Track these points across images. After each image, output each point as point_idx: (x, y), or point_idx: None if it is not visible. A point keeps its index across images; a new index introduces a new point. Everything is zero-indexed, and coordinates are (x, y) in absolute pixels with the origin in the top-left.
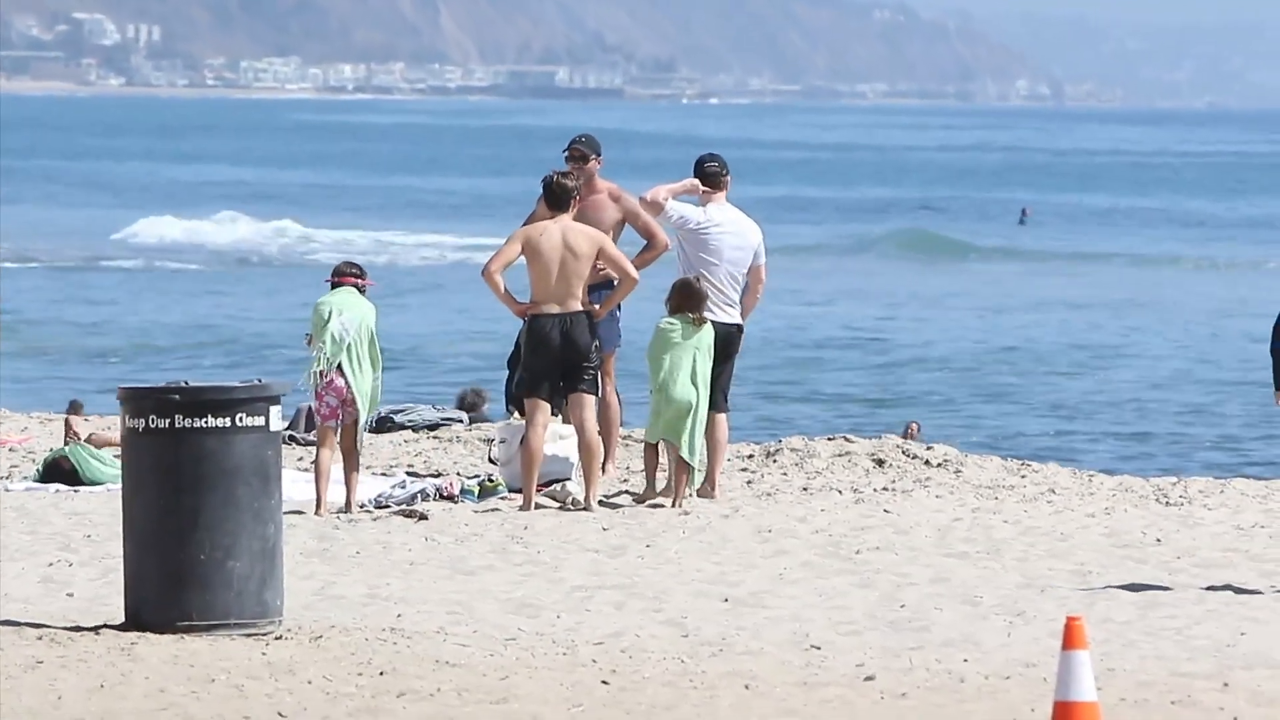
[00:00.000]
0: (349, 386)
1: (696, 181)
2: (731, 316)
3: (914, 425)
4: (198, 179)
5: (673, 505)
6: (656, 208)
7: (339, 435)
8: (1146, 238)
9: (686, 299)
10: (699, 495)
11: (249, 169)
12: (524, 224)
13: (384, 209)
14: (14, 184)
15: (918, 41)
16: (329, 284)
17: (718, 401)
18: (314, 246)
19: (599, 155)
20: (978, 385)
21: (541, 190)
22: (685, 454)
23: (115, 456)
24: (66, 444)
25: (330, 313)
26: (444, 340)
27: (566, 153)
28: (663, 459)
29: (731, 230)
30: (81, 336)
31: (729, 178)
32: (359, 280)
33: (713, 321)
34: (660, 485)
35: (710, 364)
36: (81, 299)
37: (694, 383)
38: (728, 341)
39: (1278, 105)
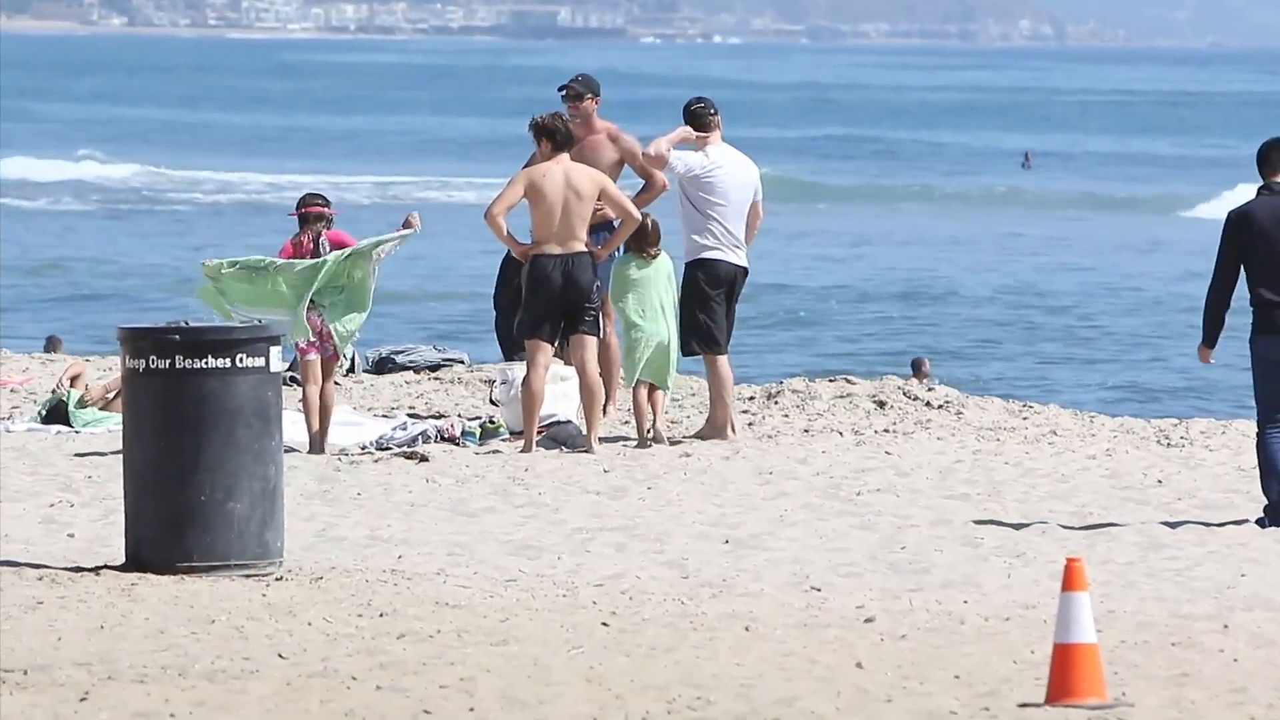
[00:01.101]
0: (324, 321)
1: (689, 129)
2: (740, 258)
3: (924, 362)
4: (112, 118)
5: (647, 432)
6: (660, 161)
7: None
8: (1147, 179)
9: (636, 236)
10: (709, 436)
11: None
12: (524, 166)
13: (309, 149)
14: None
15: None
16: (295, 217)
17: (722, 344)
18: (163, 189)
19: (596, 95)
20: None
21: (531, 133)
22: (666, 388)
23: (99, 408)
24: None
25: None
26: (429, 281)
27: (563, 92)
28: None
29: (734, 170)
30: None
31: (718, 117)
32: (325, 209)
33: (723, 262)
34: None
35: (672, 294)
36: None
37: (664, 317)
38: (734, 283)
39: (1277, 44)
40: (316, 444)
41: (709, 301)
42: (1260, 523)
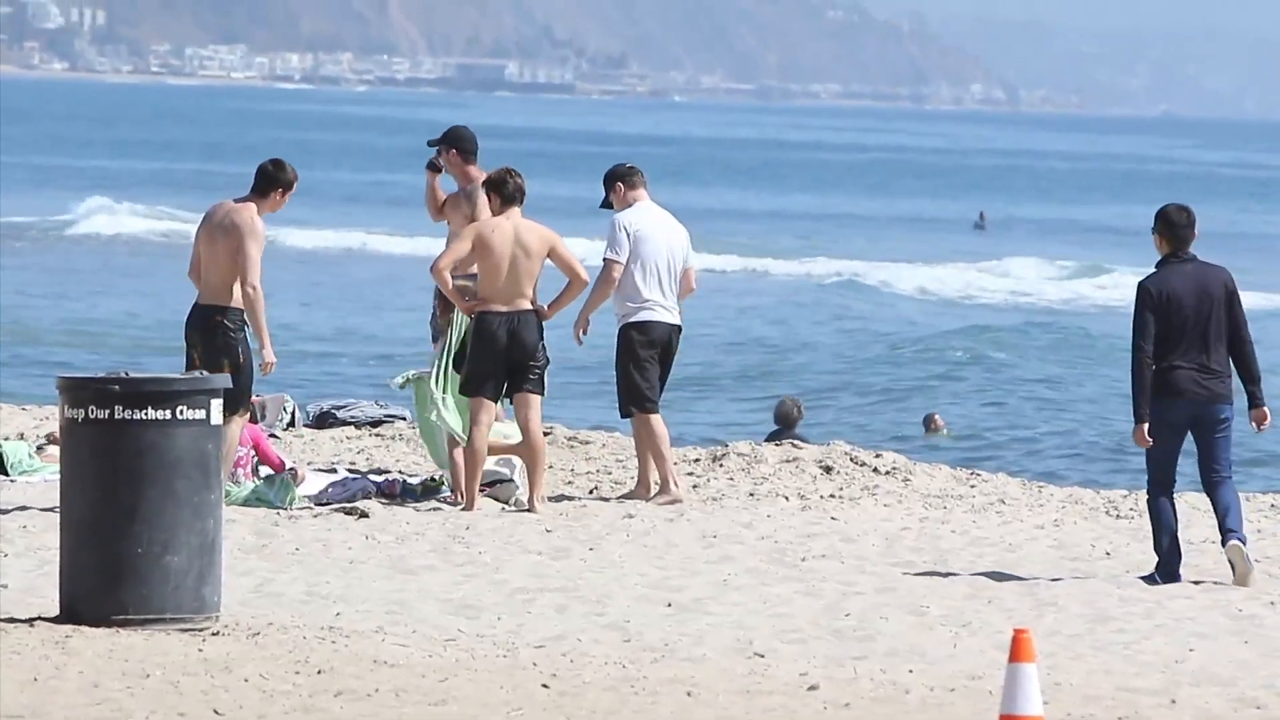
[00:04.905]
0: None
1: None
2: (673, 317)
3: (936, 416)
4: None
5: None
6: (614, 268)
7: None
8: (1097, 245)
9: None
10: (635, 497)
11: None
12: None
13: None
14: None
15: (871, 42)
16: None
17: (655, 404)
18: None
19: (452, 146)
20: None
21: (486, 186)
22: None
23: (31, 456)
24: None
25: None
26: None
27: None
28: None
29: (655, 229)
30: None
31: (642, 176)
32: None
33: (658, 323)
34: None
35: None
36: None
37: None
38: (669, 343)
39: (1231, 114)
40: None
41: (643, 362)
42: (1150, 579)
